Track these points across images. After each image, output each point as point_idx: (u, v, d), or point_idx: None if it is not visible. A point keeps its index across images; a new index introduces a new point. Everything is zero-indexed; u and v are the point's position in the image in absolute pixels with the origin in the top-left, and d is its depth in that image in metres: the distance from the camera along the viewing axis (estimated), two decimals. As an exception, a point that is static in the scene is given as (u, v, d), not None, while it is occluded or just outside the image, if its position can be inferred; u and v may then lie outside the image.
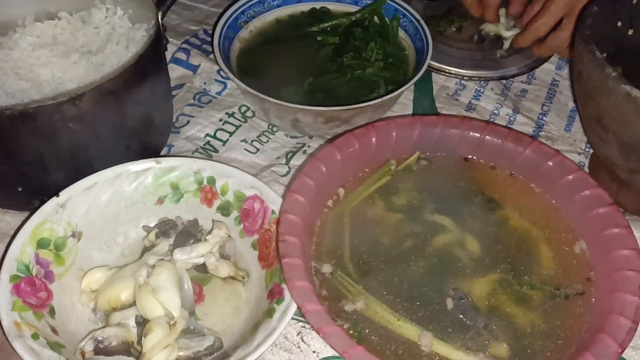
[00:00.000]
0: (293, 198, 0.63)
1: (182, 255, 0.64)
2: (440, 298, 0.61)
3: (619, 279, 0.58)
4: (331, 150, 0.67)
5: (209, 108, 0.86)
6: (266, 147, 0.82)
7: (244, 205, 0.69)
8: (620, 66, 0.70)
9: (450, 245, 0.65)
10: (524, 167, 0.69)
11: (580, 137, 0.86)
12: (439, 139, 0.71)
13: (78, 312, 0.64)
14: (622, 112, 0.62)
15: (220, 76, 0.90)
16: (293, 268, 0.57)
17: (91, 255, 0.67)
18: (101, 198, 0.68)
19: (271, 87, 0.79)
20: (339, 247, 0.64)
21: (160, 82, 0.79)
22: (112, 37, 0.81)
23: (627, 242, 0.60)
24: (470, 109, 0.89)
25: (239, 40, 0.88)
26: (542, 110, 0.90)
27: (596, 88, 0.64)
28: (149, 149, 0.77)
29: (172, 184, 0.70)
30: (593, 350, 0.52)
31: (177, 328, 0.58)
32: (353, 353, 0.51)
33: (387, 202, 0.68)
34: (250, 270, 0.67)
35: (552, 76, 0.95)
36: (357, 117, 0.77)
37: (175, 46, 0.93)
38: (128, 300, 0.62)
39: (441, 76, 0.93)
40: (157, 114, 0.78)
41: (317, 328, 0.52)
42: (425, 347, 0.56)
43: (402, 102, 0.88)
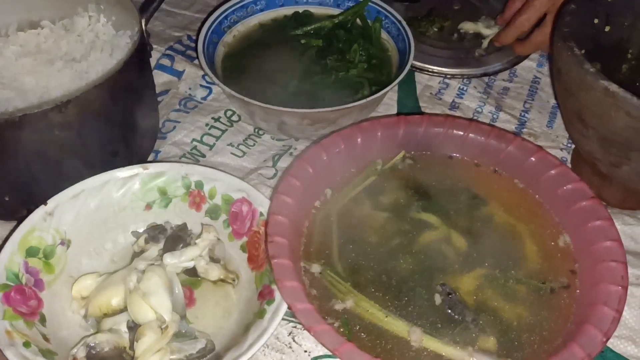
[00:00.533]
0: (280, 199, 0.63)
1: (172, 259, 0.64)
2: (428, 294, 0.61)
3: (602, 270, 0.59)
4: (317, 150, 0.68)
5: (194, 113, 0.87)
6: (253, 150, 0.83)
7: (232, 208, 0.69)
8: (599, 62, 0.71)
9: (436, 242, 0.66)
10: (507, 164, 0.70)
11: (562, 133, 0.87)
12: (424, 137, 0.72)
13: (69, 319, 0.64)
14: (601, 107, 0.63)
15: (205, 81, 0.91)
16: (282, 268, 0.57)
17: (81, 262, 0.67)
18: (89, 205, 0.68)
19: (256, 91, 0.80)
20: (328, 247, 0.65)
21: (146, 88, 0.79)
22: (96, 44, 0.81)
23: (609, 234, 0.61)
24: (454, 107, 0.90)
25: (223, 45, 0.89)
26: (524, 107, 0.91)
27: (575, 84, 0.65)
28: (136, 155, 0.78)
29: (160, 189, 0.71)
30: (579, 341, 0.53)
31: (169, 332, 0.59)
32: (344, 350, 0.52)
33: (374, 202, 0.69)
34: (240, 272, 0.68)
35: (533, 73, 0.97)
36: (343, 118, 0.78)
37: (160, 52, 0.94)
38: (119, 305, 0.62)
39: (424, 75, 0.94)
40: (143, 120, 0.78)
41: (308, 327, 0.53)
42: (415, 342, 0.57)
43: (386, 103, 0.89)
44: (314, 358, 0.63)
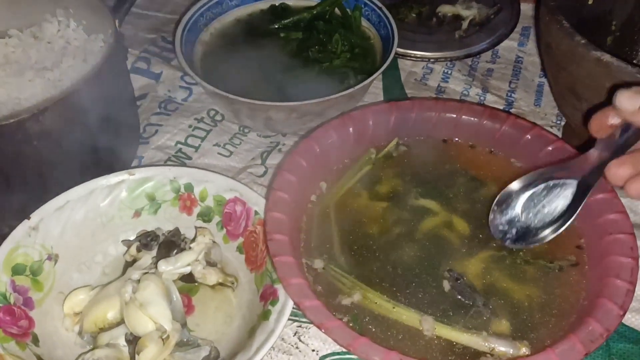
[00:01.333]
0: (277, 195, 0.61)
1: (167, 266, 0.61)
2: (436, 281, 0.60)
3: (610, 243, 0.58)
4: (309, 143, 0.66)
5: (176, 115, 0.84)
6: (240, 149, 0.80)
7: (225, 209, 0.67)
8: (583, 36, 0.70)
9: (438, 228, 0.65)
10: (503, 143, 0.69)
11: (550, 110, 0.87)
12: (416, 123, 0.70)
13: (63, 337, 0.61)
14: (595, 78, 0.62)
15: (184, 82, 0.88)
16: (286, 266, 0.55)
17: (71, 277, 0.64)
18: (75, 217, 0.65)
19: (239, 88, 0.77)
20: (328, 241, 0.63)
21: (124, 91, 0.76)
22: (68, 50, 0.78)
23: (614, 206, 0.60)
24: (440, 92, 0.89)
25: (201, 43, 0.86)
26: (509, 87, 0.90)
27: (566, 57, 0.64)
28: (119, 162, 0.75)
29: (148, 194, 0.68)
30: (595, 316, 0.52)
31: (171, 341, 0.56)
32: (358, 345, 0.50)
33: (370, 192, 0.67)
34: (238, 275, 0.66)
35: (515, 53, 0.96)
36: (330, 109, 0.76)
37: (134, 56, 0.91)
38: (115, 318, 0.59)
39: (407, 62, 0.93)
40: (124, 125, 0.75)
41: (319, 324, 0.51)
42: (427, 331, 0.55)
43: (372, 92, 0.87)
44: (322, 357, 0.61)
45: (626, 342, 0.60)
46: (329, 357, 0.61)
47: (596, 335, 0.50)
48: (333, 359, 0.61)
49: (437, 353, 0.55)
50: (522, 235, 0.59)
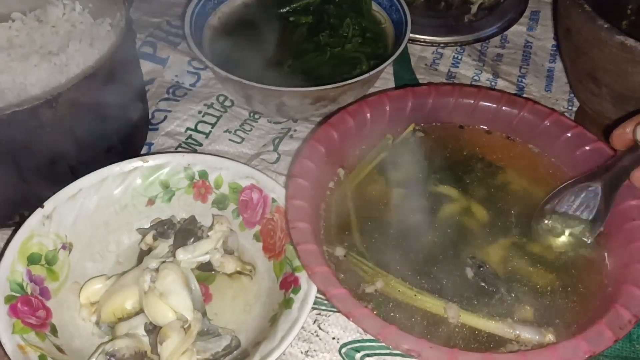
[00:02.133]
0: (297, 182, 0.60)
1: (186, 254, 0.60)
2: (458, 268, 0.59)
3: (633, 229, 0.58)
4: (327, 129, 0.65)
5: (185, 101, 0.82)
6: (251, 135, 0.79)
7: (241, 196, 0.66)
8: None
9: (458, 215, 0.64)
10: (521, 129, 0.68)
11: (561, 95, 0.86)
12: (433, 108, 0.69)
13: (80, 327, 0.60)
14: (617, 63, 0.62)
15: (192, 67, 0.86)
16: (310, 254, 0.55)
17: (85, 266, 0.63)
18: (88, 205, 0.64)
19: (250, 73, 0.76)
20: (348, 228, 0.62)
21: (134, 76, 0.74)
22: (74, 34, 0.75)
23: (635, 192, 0.60)
24: (450, 77, 0.88)
25: (209, 28, 0.84)
26: (520, 72, 0.90)
27: (587, 41, 0.64)
28: (130, 149, 0.73)
29: (162, 182, 0.67)
30: (622, 302, 0.52)
31: (193, 331, 0.55)
32: (388, 333, 0.49)
33: (388, 178, 0.67)
34: (255, 263, 0.65)
35: (524, 38, 0.95)
36: (344, 95, 0.75)
37: (140, 40, 0.89)
38: (134, 308, 0.58)
39: (417, 46, 0.92)
40: (135, 110, 0.74)
41: (347, 312, 0.50)
42: (452, 319, 0.55)
43: (383, 77, 0.86)
44: (343, 345, 0.61)
45: (647, 327, 0.61)
46: (349, 344, 0.61)
47: (624, 322, 0.50)
48: (354, 346, 0.60)
49: (462, 340, 0.55)
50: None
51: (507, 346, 0.54)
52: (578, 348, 0.49)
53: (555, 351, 0.48)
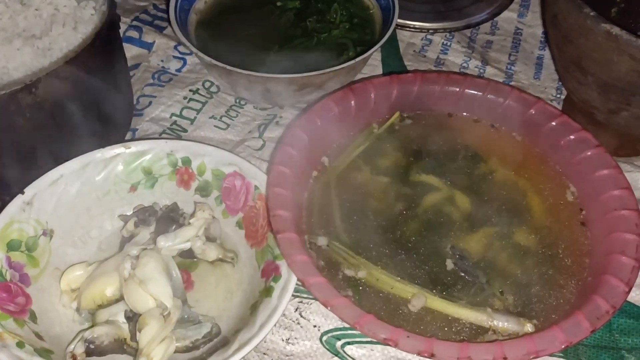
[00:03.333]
0: (278, 170, 0.60)
1: (167, 242, 0.60)
2: (439, 258, 0.59)
3: (614, 219, 0.58)
4: (311, 117, 0.64)
5: (170, 86, 0.82)
6: (236, 121, 0.79)
7: (224, 183, 0.66)
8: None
9: (441, 204, 0.64)
10: (506, 118, 0.68)
11: (550, 83, 0.86)
12: (418, 96, 0.69)
13: (60, 314, 0.59)
14: (603, 52, 0.61)
15: (178, 52, 0.86)
16: (290, 243, 0.54)
17: (66, 252, 0.63)
18: (69, 191, 0.63)
19: (235, 59, 0.75)
20: (330, 217, 0.62)
21: (118, 61, 0.74)
22: (57, 18, 0.74)
23: (618, 182, 0.60)
24: (439, 64, 0.87)
25: (195, 12, 0.83)
26: (509, 60, 0.89)
27: (574, 29, 0.63)
28: (113, 135, 0.73)
29: (145, 168, 0.66)
30: (601, 292, 0.52)
31: (172, 318, 0.55)
32: (365, 322, 0.49)
33: (372, 167, 0.66)
34: (238, 250, 0.65)
35: (514, 24, 0.95)
36: (330, 81, 0.75)
37: (125, 24, 0.88)
38: (114, 295, 0.58)
39: (406, 33, 0.91)
40: (118, 96, 0.73)
41: (324, 301, 0.50)
42: (413, 307, 0.55)
43: (371, 64, 0.85)
44: (324, 332, 0.61)
45: (627, 317, 0.61)
46: (330, 332, 0.61)
47: (602, 312, 0.50)
48: (335, 334, 0.60)
49: (441, 330, 0.55)
50: None
51: (486, 335, 0.54)
52: (555, 338, 0.49)
53: (532, 341, 0.49)
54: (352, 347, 0.59)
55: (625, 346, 0.59)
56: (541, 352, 0.48)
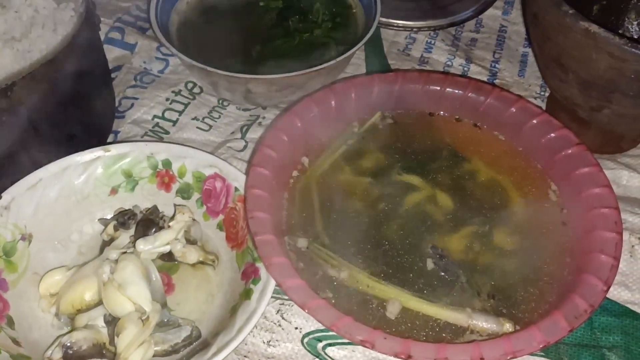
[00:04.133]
0: (257, 172, 0.59)
1: (146, 245, 0.60)
2: (420, 258, 0.59)
3: (594, 218, 0.57)
4: (291, 117, 0.64)
5: (153, 88, 0.81)
6: (219, 123, 0.78)
7: (204, 185, 0.65)
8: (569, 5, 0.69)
9: (422, 204, 0.64)
10: (487, 116, 0.68)
11: (534, 81, 0.86)
12: (400, 95, 0.69)
13: (39, 319, 0.59)
14: (582, 50, 0.61)
15: (160, 53, 0.85)
16: (267, 245, 0.54)
17: (45, 257, 0.62)
18: (49, 195, 0.63)
19: (217, 60, 0.75)
20: (311, 218, 0.62)
21: (97, 63, 0.73)
22: (37, 20, 0.74)
23: (598, 180, 0.59)
24: (423, 62, 0.87)
25: (177, 13, 0.83)
26: (494, 57, 0.89)
27: (553, 27, 0.63)
28: (94, 138, 0.72)
29: (125, 171, 0.66)
30: (580, 291, 0.52)
31: (151, 322, 0.55)
32: (342, 324, 0.49)
33: (353, 167, 0.66)
34: (219, 252, 0.64)
35: (499, 22, 0.94)
36: (312, 81, 0.74)
37: (108, 25, 0.87)
38: (93, 299, 0.58)
39: (390, 31, 0.91)
40: (98, 98, 0.72)
41: (301, 304, 0.50)
42: (390, 314, 0.55)
43: (354, 63, 0.85)
44: (305, 334, 0.61)
45: (608, 315, 0.60)
46: (312, 334, 0.60)
47: (580, 312, 0.50)
48: (316, 336, 0.60)
49: (421, 330, 0.55)
50: None
51: (466, 336, 0.54)
52: (532, 338, 0.49)
53: (509, 341, 0.48)
54: (334, 348, 0.59)
55: (606, 344, 0.59)
56: (519, 352, 0.48)
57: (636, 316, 0.60)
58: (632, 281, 0.63)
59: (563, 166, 0.63)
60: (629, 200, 0.70)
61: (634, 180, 0.72)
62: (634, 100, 0.62)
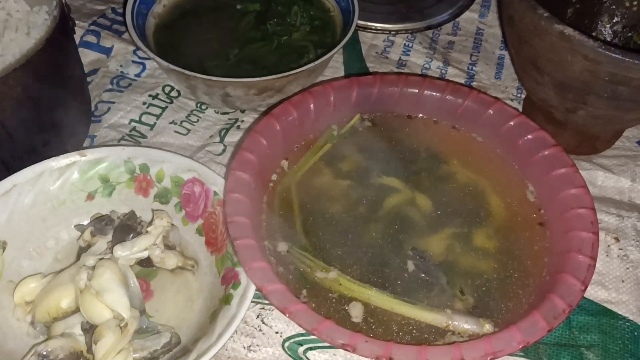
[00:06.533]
0: (236, 176, 0.59)
1: (124, 251, 0.59)
2: (400, 260, 0.59)
3: (571, 218, 0.58)
4: (269, 121, 0.64)
5: (129, 92, 0.80)
6: (197, 126, 0.78)
7: (183, 190, 0.65)
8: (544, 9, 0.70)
9: (402, 206, 0.64)
10: (465, 118, 0.68)
11: (511, 83, 0.86)
12: (378, 98, 0.69)
13: (14, 328, 0.58)
14: (557, 52, 0.62)
15: (137, 57, 0.84)
16: (247, 249, 0.54)
17: (21, 264, 0.61)
18: (23, 201, 0.62)
19: (195, 63, 0.75)
20: (290, 222, 0.61)
21: (72, 67, 0.72)
22: (10, 23, 0.73)
23: (575, 181, 0.60)
24: (401, 65, 0.87)
25: (153, 15, 0.82)
26: (470, 60, 0.90)
27: (529, 30, 0.64)
28: (69, 142, 0.71)
29: (102, 176, 0.65)
30: (558, 291, 0.52)
31: (129, 329, 0.54)
32: (323, 328, 0.49)
33: (333, 170, 0.66)
34: (198, 257, 0.64)
35: (476, 25, 0.95)
36: (290, 84, 0.74)
37: (83, 29, 0.86)
38: (70, 307, 0.57)
39: (368, 34, 0.91)
40: (74, 103, 0.71)
41: (282, 308, 0.50)
42: (356, 318, 0.55)
43: (332, 66, 0.85)
44: (286, 338, 0.60)
45: (586, 314, 0.61)
46: (292, 338, 0.60)
47: (559, 312, 0.50)
48: (296, 340, 0.60)
49: (402, 332, 0.55)
50: None
51: (446, 337, 0.54)
52: (512, 338, 0.49)
53: (489, 342, 0.49)
54: (315, 352, 0.59)
55: (584, 343, 0.59)
56: (499, 352, 0.48)
57: (613, 315, 0.61)
58: (608, 280, 0.64)
59: (540, 167, 0.63)
60: (604, 200, 0.71)
61: (609, 181, 0.73)
62: (608, 102, 0.63)
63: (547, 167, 0.62)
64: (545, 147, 0.63)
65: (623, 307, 0.62)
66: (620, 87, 0.60)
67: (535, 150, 0.64)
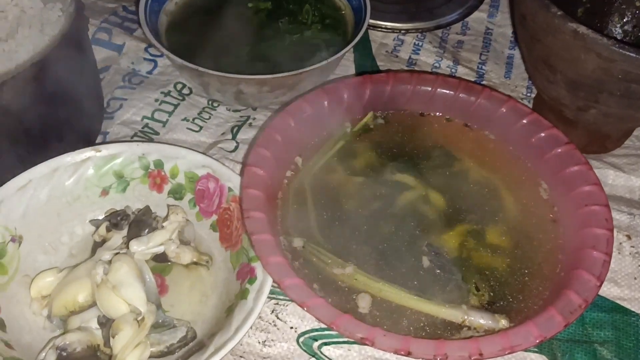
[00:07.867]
0: (252, 171, 0.59)
1: (140, 246, 0.59)
2: (415, 256, 0.59)
3: (585, 215, 0.58)
4: (284, 118, 0.64)
5: (141, 89, 0.81)
6: (209, 123, 0.78)
7: (197, 186, 0.65)
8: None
9: (415, 203, 0.64)
10: (478, 116, 0.69)
11: (520, 82, 0.87)
12: (391, 96, 0.69)
13: (31, 322, 0.58)
14: (570, 50, 0.62)
15: (149, 54, 0.85)
16: (264, 244, 0.54)
17: (36, 259, 0.62)
18: (39, 196, 0.62)
19: (207, 60, 0.75)
20: (305, 218, 0.62)
21: (87, 63, 0.72)
22: (23, 20, 0.73)
23: (588, 178, 0.61)
24: (411, 64, 0.88)
25: (166, 13, 0.82)
26: (480, 59, 0.90)
27: (542, 29, 0.64)
28: (83, 138, 0.72)
29: (116, 172, 0.65)
30: (573, 287, 0.53)
31: (147, 323, 0.55)
32: (342, 322, 0.49)
33: (346, 166, 0.66)
34: (212, 253, 0.64)
35: (485, 25, 0.96)
36: (302, 82, 0.74)
37: (95, 26, 0.86)
38: (86, 301, 0.57)
39: (378, 33, 0.91)
40: (88, 99, 0.72)
41: (301, 302, 0.50)
42: (362, 309, 0.55)
43: (343, 64, 0.85)
44: (301, 334, 0.60)
45: (599, 311, 0.61)
46: (307, 334, 0.60)
47: (575, 307, 0.51)
48: (311, 335, 0.60)
49: (418, 327, 0.55)
50: None
51: (462, 332, 0.54)
52: (529, 333, 0.49)
53: (507, 337, 0.49)
54: (329, 347, 0.59)
55: (598, 339, 0.60)
56: (516, 347, 0.49)
57: (626, 311, 0.62)
58: (620, 277, 0.64)
59: (553, 165, 0.64)
60: (615, 199, 0.72)
61: (619, 179, 0.74)
62: (621, 100, 0.64)
63: (560, 165, 0.63)
64: (558, 144, 0.64)
65: (636, 304, 0.62)
66: (633, 84, 0.61)
67: (548, 148, 0.64)
